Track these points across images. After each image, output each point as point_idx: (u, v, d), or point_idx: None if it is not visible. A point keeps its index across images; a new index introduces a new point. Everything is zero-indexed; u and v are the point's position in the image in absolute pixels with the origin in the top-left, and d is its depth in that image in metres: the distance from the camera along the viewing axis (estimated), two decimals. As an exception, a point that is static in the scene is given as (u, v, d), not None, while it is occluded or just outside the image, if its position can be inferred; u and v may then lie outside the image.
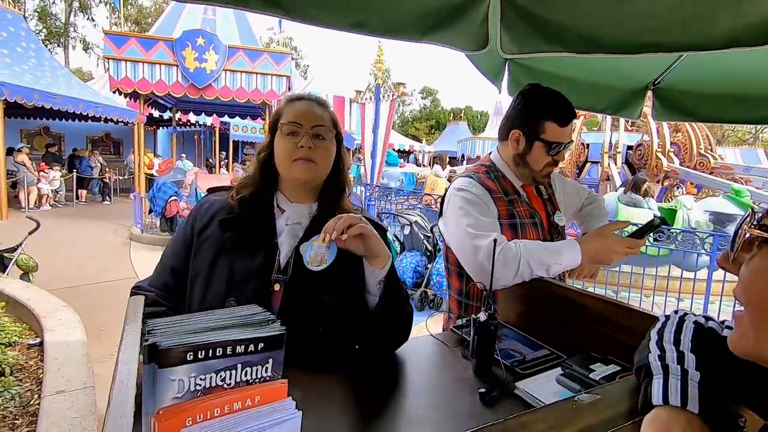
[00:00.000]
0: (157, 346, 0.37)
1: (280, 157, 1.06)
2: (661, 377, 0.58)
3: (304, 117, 1.05)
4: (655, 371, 0.60)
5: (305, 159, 1.03)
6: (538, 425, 0.53)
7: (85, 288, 4.89)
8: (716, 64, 2.05)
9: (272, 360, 0.43)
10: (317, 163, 1.05)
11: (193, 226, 1.08)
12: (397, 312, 1.05)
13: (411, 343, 1.12)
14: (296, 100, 1.09)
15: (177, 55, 7.88)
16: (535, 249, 1.26)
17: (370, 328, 1.02)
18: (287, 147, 1.04)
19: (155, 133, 16.64)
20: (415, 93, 40.36)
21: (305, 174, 1.05)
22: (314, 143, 1.03)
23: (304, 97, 1.11)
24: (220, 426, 0.38)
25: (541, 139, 1.36)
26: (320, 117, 1.07)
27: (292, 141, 1.03)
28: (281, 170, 1.07)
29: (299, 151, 1.03)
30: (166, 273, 1.07)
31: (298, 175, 1.05)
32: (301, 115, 1.05)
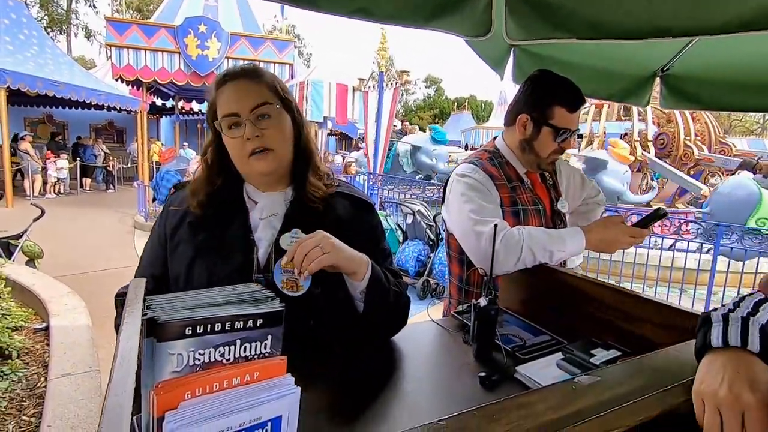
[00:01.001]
0: (156, 320, 0.37)
1: (233, 155, 0.95)
2: (721, 323, 0.57)
3: (238, 102, 0.91)
4: (714, 320, 0.59)
5: (258, 150, 0.91)
6: (537, 406, 0.53)
7: (91, 275, 4.94)
8: (727, 50, 2.01)
9: (271, 336, 0.43)
10: (274, 149, 0.93)
11: (165, 226, 1.00)
12: (386, 314, 0.99)
13: (412, 329, 1.12)
14: (222, 85, 0.94)
15: (179, 42, 7.83)
16: (538, 236, 1.25)
17: (361, 323, 0.97)
18: (234, 144, 0.92)
19: (158, 122, 16.62)
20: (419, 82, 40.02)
21: (266, 166, 0.93)
22: (260, 128, 0.90)
23: (229, 77, 0.94)
24: (219, 400, 0.38)
25: (550, 125, 1.34)
26: (256, 94, 0.92)
27: (237, 135, 0.91)
28: (240, 168, 0.97)
29: (249, 144, 0.90)
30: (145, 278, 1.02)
31: (259, 169, 0.94)
32: (234, 102, 0.91)
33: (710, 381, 0.52)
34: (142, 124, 8.81)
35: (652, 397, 0.55)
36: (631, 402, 0.53)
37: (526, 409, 0.52)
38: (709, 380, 0.52)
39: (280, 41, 8.74)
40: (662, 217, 1.28)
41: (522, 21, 1.37)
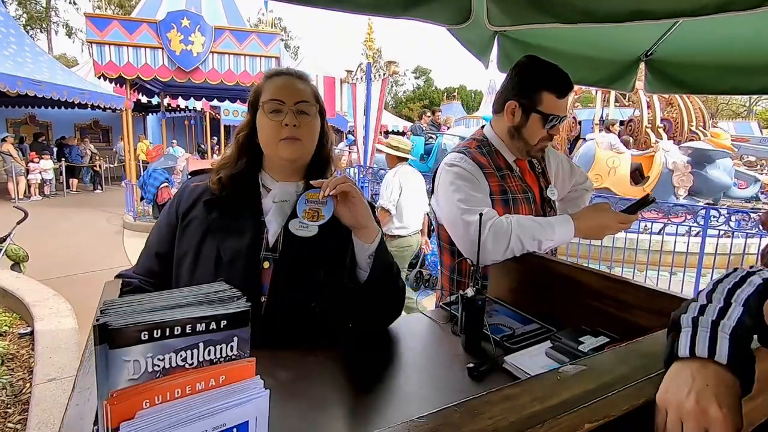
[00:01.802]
0: (108, 325, 0.35)
1: (265, 136, 1.02)
2: (690, 330, 0.56)
3: (286, 93, 1.01)
4: (684, 325, 0.57)
5: (291, 138, 1.00)
6: (522, 398, 0.52)
7: (79, 277, 4.86)
8: (709, 34, 2.00)
9: (237, 338, 0.40)
10: (303, 141, 1.02)
11: (177, 210, 1.05)
12: (388, 286, 1.03)
13: (402, 321, 1.12)
14: (275, 76, 1.05)
15: (162, 37, 7.66)
16: (527, 224, 1.24)
17: (360, 303, 1.00)
18: (271, 126, 1.00)
19: (144, 120, 16.37)
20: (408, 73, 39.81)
21: (292, 153, 1.01)
22: (299, 120, 1.00)
23: (283, 72, 1.06)
24: (182, 407, 0.36)
25: (538, 111, 1.32)
26: (302, 92, 1.03)
27: (275, 119, 0.99)
28: (267, 150, 1.04)
29: (284, 130, 0.99)
30: (150, 258, 1.05)
31: (285, 155, 1.01)
32: (282, 92, 1.01)
33: (677, 390, 0.50)
34: (127, 122, 8.64)
35: (637, 385, 0.53)
36: (617, 391, 0.52)
37: (511, 401, 0.51)
38: (676, 389, 0.50)
39: (266, 34, 8.58)
40: (650, 203, 1.27)
41: (504, 6, 1.34)
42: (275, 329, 0.91)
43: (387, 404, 0.81)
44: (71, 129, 14.97)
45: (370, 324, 1.07)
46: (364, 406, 0.79)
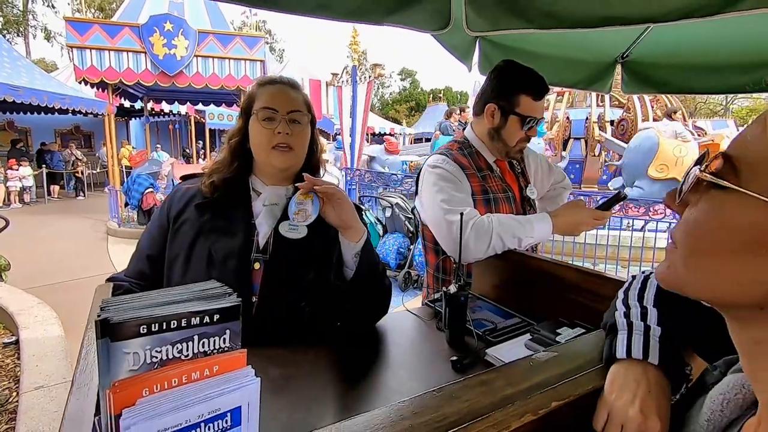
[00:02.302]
0: (109, 320, 0.38)
1: (257, 143, 1.05)
2: (626, 333, 0.62)
3: (280, 102, 1.04)
4: (620, 327, 0.63)
5: (283, 146, 1.03)
6: (497, 382, 0.56)
7: (64, 285, 4.78)
8: (681, 36, 2.09)
9: (229, 331, 0.44)
10: (295, 150, 1.05)
11: (168, 213, 1.07)
12: (374, 284, 1.07)
13: (388, 319, 1.15)
14: (269, 84, 1.08)
15: (144, 41, 7.58)
16: (507, 222, 1.29)
17: (347, 301, 1.04)
18: (264, 134, 1.03)
19: (127, 124, 16.12)
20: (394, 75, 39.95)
21: (284, 162, 1.05)
22: (291, 129, 1.03)
23: (277, 81, 1.09)
24: (178, 394, 0.39)
25: (516, 113, 1.37)
26: (295, 101, 1.06)
27: (268, 127, 1.02)
28: (258, 157, 1.07)
29: (277, 138, 1.02)
30: (141, 261, 1.07)
31: (276, 163, 1.05)
32: (276, 100, 1.04)
33: (621, 394, 0.55)
34: (110, 127, 8.50)
35: (601, 368, 0.58)
36: (583, 373, 0.56)
37: (486, 385, 0.55)
38: (619, 392, 0.56)
39: (251, 38, 8.55)
40: (622, 199, 1.33)
41: (481, 12, 1.39)
42: (266, 329, 0.93)
43: (374, 397, 0.84)
44: (51, 135, 14.67)
45: (358, 322, 1.10)
46: (352, 399, 0.82)
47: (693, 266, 0.36)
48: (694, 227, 0.36)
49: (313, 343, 0.99)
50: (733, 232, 0.33)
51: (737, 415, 0.40)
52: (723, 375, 0.45)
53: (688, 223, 0.37)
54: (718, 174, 0.35)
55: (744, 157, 0.34)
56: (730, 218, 0.33)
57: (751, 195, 0.32)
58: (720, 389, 0.42)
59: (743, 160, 0.34)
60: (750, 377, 0.38)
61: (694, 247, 0.36)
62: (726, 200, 0.34)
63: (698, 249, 0.36)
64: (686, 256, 0.37)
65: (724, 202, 0.34)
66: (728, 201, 0.34)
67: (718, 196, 0.35)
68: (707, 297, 0.36)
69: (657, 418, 0.53)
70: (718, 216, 0.34)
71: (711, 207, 0.35)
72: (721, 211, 0.34)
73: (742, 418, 0.39)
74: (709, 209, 0.35)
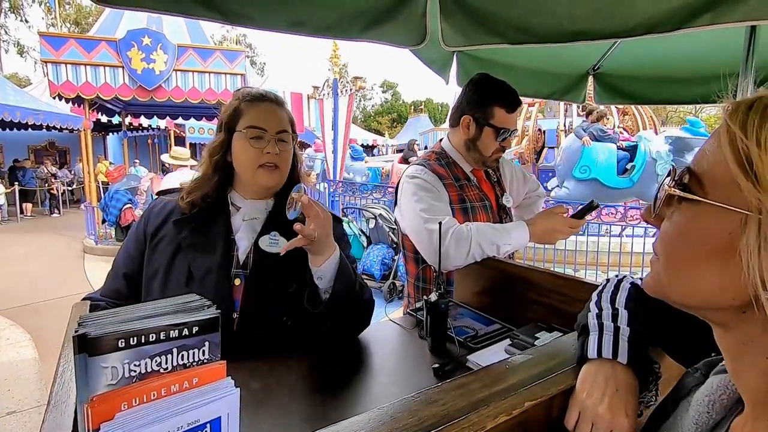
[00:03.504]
0: (87, 335, 0.38)
1: (244, 161, 1.04)
2: (597, 333, 0.65)
3: (269, 121, 1.04)
4: (591, 329, 0.66)
5: (270, 165, 1.02)
6: (473, 385, 0.57)
7: (38, 306, 4.62)
8: (648, 49, 2.20)
9: (209, 342, 0.44)
10: (281, 169, 1.05)
11: (145, 229, 1.05)
12: (351, 303, 1.03)
13: (371, 329, 1.16)
14: (257, 101, 1.07)
15: (122, 56, 7.50)
16: (485, 230, 1.32)
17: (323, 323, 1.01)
18: (252, 152, 1.02)
19: (104, 139, 15.82)
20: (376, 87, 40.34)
21: (270, 181, 1.04)
22: (279, 148, 1.03)
23: (264, 98, 1.08)
24: (158, 407, 0.39)
25: (491, 125, 1.42)
26: (282, 120, 1.06)
27: (257, 146, 1.02)
28: (244, 174, 1.06)
29: (265, 157, 1.02)
30: (118, 279, 1.04)
31: (263, 182, 1.04)
32: (265, 120, 1.03)
33: (591, 392, 0.58)
34: (86, 142, 8.33)
35: (572, 369, 0.60)
36: (555, 374, 0.58)
37: (463, 389, 0.57)
38: (590, 391, 0.58)
39: (231, 51, 8.57)
40: (595, 208, 1.37)
41: (456, 28, 1.44)
42: (248, 343, 0.93)
43: (356, 406, 0.85)
44: (25, 151, 14.29)
45: (338, 337, 1.08)
46: (334, 409, 0.83)
47: (674, 276, 0.38)
48: (670, 239, 0.39)
49: (295, 354, 0.99)
50: (704, 240, 0.35)
51: (723, 416, 0.41)
52: (705, 377, 0.46)
53: (665, 236, 0.39)
54: (686, 187, 0.37)
55: (705, 170, 0.37)
56: (700, 228, 0.36)
57: (715, 204, 0.34)
58: (705, 391, 0.44)
59: (705, 173, 0.36)
60: (735, 378, 0.39)
61: (672, 257, 0.39)
62: (695, 211, 0.36)
63: (676, 259, 0.38)
64: (667, 267, 0.39)
65: (694, 214, 0.36)
66: (697, 212, 0.36)
67: (689, 208, 0.37)
68: (691, 304, 0.38)
69: (624, 415, 0.55)
70: (690, 227, 0.37)
71: (683, 219, 0.37)
72: (692, 222, 0.36)
73: (728, 419, 0.40)
74: (682, 221, 0.38)
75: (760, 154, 0.32)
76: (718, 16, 1.19)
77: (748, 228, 0.32)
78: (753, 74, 1.53)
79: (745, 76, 1.54)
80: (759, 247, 0.31)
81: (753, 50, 1.53)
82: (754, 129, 0.33)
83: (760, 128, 0.33)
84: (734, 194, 0.33)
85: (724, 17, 1.19)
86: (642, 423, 0.56)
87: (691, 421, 0.43)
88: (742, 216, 0.32)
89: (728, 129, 0.35)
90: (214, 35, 15.00)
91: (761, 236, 0.31)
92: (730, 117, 0.35)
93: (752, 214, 0.32)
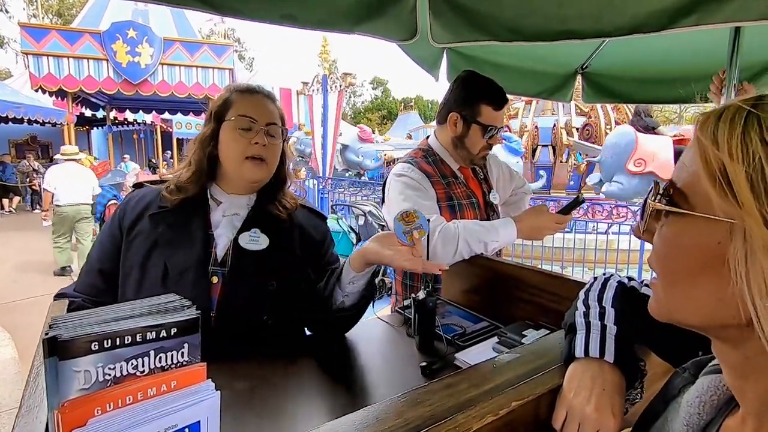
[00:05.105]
0: (57, 338, 0.36)
1: (230, 152, 1.00)
2: (584, 332, 0.65)
3: (259, 112, 1.01)
4: (579, 327, 0.66)
5: (257, 158, 1.00)
6: (461, 385, 0.57)
7: (19, 304, 4.51)
8: (635, 49, 2.22)
9: (188, 344, 0.43)
10: (268, 163, 1.02)
11: (121, 223, 1.01)
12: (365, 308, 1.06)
13: (359, 327, 1.15)
14: (247, 92, 1.04)
15: (106, 48, 7.36)
16: (473, 228, 1.32)
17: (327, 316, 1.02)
18: (240, 142, 0.99)
19: (89, 134, 15.50)
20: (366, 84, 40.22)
21: (256, 174, 1.01)
22: (267, 141, 1.00)
23: (256, 90, 1.06)
24: (133, 412, 0.38)
25: (478, 122, 1.41)
26: (273, 114, 1.04)
27: (245, 137, 0.99)
28: (229, 166, 1.02)
29: (252, 149, 0.99)
30: (93, 275, 1.00)
31: (249, 175, 1.01)
32: (255, 110, 1.01)
33: (578, 392, 0.58)
34: (69, 137, 8.16)
35: (559, 367, 0.60)
36: (543, 373, 0.58)
37: (450, 389, 0.56)
38: (577, 390, 0.58)
39: (219, 46, 8.47)
40: (581, 203, 1.38)
41: (445, 24, 1.43)
42: (228, 343, 0.90)
43: (343, 406, 0.84)
44: (5, 145, 13.93)
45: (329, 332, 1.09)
46: (320, 409, 0.82)
47: (674, 294, 0.37)
48: (663, 255, 0.38)
49: (280, 354, 0.98)
50: (696, 252, 0.35)
51: (713, 416, 0.41)
52: (694, 377, 0.46)
53: (657, 251, 0.39)
54: (671, 201, 0.36)
55: (685, 182, 0.36)
56: (690, 240, 0.35)
57: (700, 216, 0.34)
58: (695, 392, 0.43)
59: (685, 185, 0.36)
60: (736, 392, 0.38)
61: (667, 271, 0.38)
62: (683, 224, 0.36)
63: (673, 276, 0.37)
64: (666, 286, 0.38)
65: (682, 226, 0.36)
66: (685, 224, 0.35)
67: (676, 222, 0.36)
68: (697, 323, 0.37)
69: (611, 415, 0.56)
70: (680, 240, 0.36)
71: (672, 232, 0.37)
72: (682, 234, 0.36)
73: (719, 419, 0.40)
74: (671, 234, 0.37)
75: (733, 166, 0.31)
76: (703, 17, 1.20)
77: (735, 236, 0.32)
78: (738, 75, 1.55)
79: (730, 77, 1.56)
80: (746, 254, 0.31)
81: (737, 51, 1.55)
82: (725, 140, 0.32)
83: (730, 139, 0.32)
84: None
85: (709, 18, 1.20)
86: (628, 420, 0.56)
87: (681, 423, 0.43)
88: (728, 225, 0.32)
89: (699, 142, 0.34)
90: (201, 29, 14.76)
91: (747, 244, 0.31)
92: (701, 129, 0.35)
93: (737, 222, 0.31)
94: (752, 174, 0.31)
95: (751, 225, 0.30)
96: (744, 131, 0.32)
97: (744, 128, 0.32)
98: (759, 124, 0.32)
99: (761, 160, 0.31)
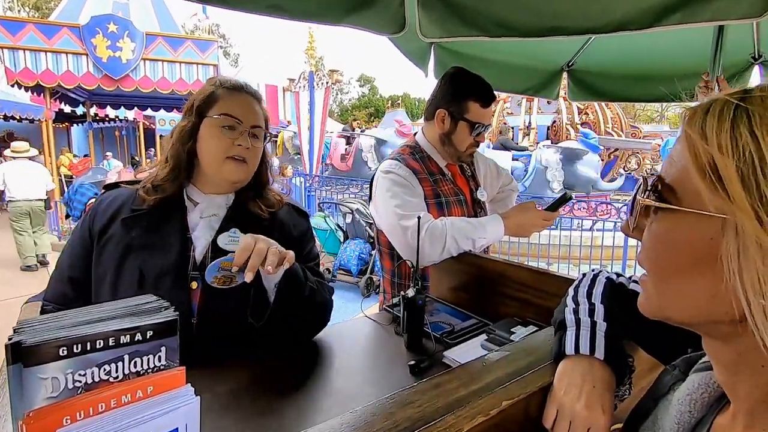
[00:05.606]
0: (21, 344, 0.34)
1: (212, 151, 0.96)
2: (574, 329, 0.64)
3: (245, 114, 0.98)
4: (569, 324, 0.66)
5: (239, 158, 0.97)
6: (450, 384, 0.56)
7: (-6, 306, 4.38)
8: (620, 48, 2.24)
9: (165, 347, 0.41)
10: (249, 165, 0.99)
11: (91, 227, 0.96)
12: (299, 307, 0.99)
13: (346, 325, 1.14)
14: (234, 90, 1.00)
15: (86, 43, 7.15)
16: (460, 225, 1.31)
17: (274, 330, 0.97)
18: (223, 141, 0.95)
19: (68, 131, 15.10)
20: (353, 81, 40.05)
21: (236, 175, 0.98)
22: (251, 143, 0.98)
23: (243, 89, 1.03)
24: (106, 420, 0.36)
25: (465, 119, 1.40)
26: (258, 116, 1.01)
27: (228, 136, 0.95)
28: (208, 164, 0.98)
29: (234, 149, 0.96)
30: (62, 283, 0.95)
31: (228, 175, 0.97)
32: (241, 111, 0.98)
33: (569, 390, 0.58)
34: (48, 134, 7.93)
35: (548, 366, 0.59)
36: (532, 371, 0.57)
37: (439, 388, 0.55)
38: (567, 388, 0.58)
39: (203, 41, 8.30)
40: (568, 200, 1.39)
41: (434, 18, 1.42)
42: (210, 348, 0.87)
43: (330, 406, 0.82)
44: (-20, 142, 13.48)
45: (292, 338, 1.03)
46: (307, 410, 0.80)
47: (665, 291, 0.37)
48: (653, 250, 0.37)
49: (265, 355, 0.95)
50: (687, 248, 0.34)
51: (704, 414, 0.40)
52: (684, 374, 0.46)
53: (647, 248, 0.38)
54: (660, 196, 0.36)
55: (674, 177, 0.35)
56: (681, 236, 0.34)
57: (690, 211, 0.33)
58: (686, 390, 0.43)
59: (675, 181, 0.35)
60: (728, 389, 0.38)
61: (658, 268, 0.37)
62: (674, 220, 0.35)
63: (664, 273, 0.37)
64: (656, 283, 0.37)
65: (673, 222, 0.35)
66: (676, 220, 0.35)
67: (666, 218, 0.35)
68: (689, 319, 0.36)
69: (602, 412, 0.55)
70: (671, 236, 0.35)
71: (662, 228, 0.36)
72: (672, 231, 0.35)
73: (710, 416, 0.40)
74: (661, 231, 0.36)
75: (723, 160, 0.31)
76: (687, 15, 1.22)
77: (726, 232, 0.31)
78: (721, 73, 1.58)
79: (713, 75, 1.59)
80: (738, 250, 0.30)
81: (721, 50, 1.57)
82: (713, 134, 0.32)
83: (719, 132, 0.32)
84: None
85: (694, 17, 1.21)
86: (617, 416, 0.56)
87: (672, 421, 0.42)
88: (720, 220, 0.31)
89: (688, 136, 0.34)
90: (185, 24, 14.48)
91: (739, 239, 0.30)
92: (688, 124, 0.34)
93: (729, 218, 0.31)
94: (743, 168, 0.30)
95: (743, 220, 0.30)
96: (733, 125, 0.31)
97: (733, 122, 0.31)
98: (748, 117, 0.31)
99: (751, 154, 0.30)
